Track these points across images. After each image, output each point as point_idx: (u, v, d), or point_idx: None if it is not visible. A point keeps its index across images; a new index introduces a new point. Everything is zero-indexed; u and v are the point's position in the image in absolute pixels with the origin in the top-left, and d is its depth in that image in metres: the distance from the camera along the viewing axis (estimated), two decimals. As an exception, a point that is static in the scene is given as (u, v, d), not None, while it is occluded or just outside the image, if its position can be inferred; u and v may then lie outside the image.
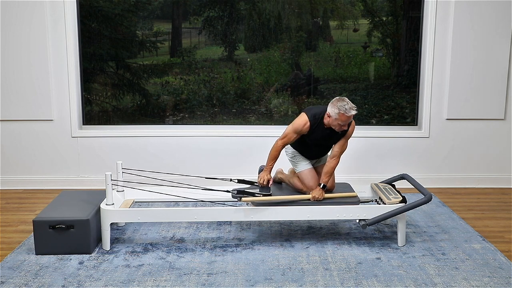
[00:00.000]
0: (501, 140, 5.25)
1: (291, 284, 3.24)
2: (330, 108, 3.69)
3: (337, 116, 3.65)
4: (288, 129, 3.82)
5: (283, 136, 3.82)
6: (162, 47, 5.43)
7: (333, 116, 3.67)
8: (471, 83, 5.11)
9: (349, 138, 3.87)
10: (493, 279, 3.32)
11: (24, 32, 4.94)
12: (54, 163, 5.22)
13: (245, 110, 5.43)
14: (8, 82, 5.03)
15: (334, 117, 3.66)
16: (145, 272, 3.39)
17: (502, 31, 5.01)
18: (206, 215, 3.74)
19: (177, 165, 5.17)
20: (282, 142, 3.82)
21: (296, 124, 3.79)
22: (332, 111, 3.67)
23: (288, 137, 3.80)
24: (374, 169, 5.25)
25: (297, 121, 3.79)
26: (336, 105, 3.64)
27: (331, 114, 3.68)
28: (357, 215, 3.73)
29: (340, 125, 3.68)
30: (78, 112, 5.18)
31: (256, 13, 5.32)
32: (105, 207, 3.67)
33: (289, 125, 3.84)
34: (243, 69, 5.41)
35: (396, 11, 5.33)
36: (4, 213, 4.54)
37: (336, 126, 3.70)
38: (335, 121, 3.68)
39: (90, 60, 5.25)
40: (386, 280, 3.29)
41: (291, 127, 3.81)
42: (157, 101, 5.42)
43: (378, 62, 5.47)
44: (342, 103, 3.63)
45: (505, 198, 4.97)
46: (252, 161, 5.07)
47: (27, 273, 3.38)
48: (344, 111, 3.61)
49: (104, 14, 5.23)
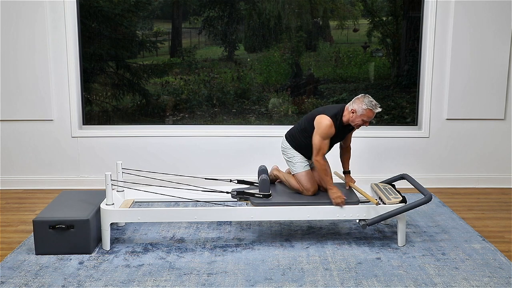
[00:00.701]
0: (501, 140, 5.25)
1: (291, 284, 3.24)
2: (355, 104, 3.72)
3: (364, 112, 3.69)
4: (316, 139, 3.73)
5: (317, 150, 3.73)
6: (162, 47, 5.43)
7: (359, 112, 3.70)
8: (471, 83, 5.11)
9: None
10: (493, 279, 3.32)
11: (24, 32, 4.94)
12: (54, 163, 5.22)
13: (245, 110, 5.43)
14: (8, 82, 5.03)
15: (360, 113, 3.70)
16: (145, 272, 3.39)
17: (502, 31, 5.01)
18: (206, 215, 3.74)
19: (177, 165, 5.17)
20: (321, 156, 3.75)
21: (323, 130, 3.71)
22: (359, 107, 3.70)
23: (323, 148, 3.74)
24: (374, 169, 5.25)
25: (322, 127, 3.71)
26: (363, 101, 3.69)
27: (357, 110, 3.71)
28: (357, 215, 3.73)
29: (364, 121, 3.73)
30: (78, 112, 5.18)
31: (256, 13, 5.32)
32: (105, 207, 3.67)
33: (316, 136, 3.73)
34: (243, 69, 5.41)
35: (396, 11, 5.33)
36: (4, 213, 4.54)
37: (359, 122, 3.73)
38: (360, 117, 3.71)
39: (90, 60, 5.25)
40: (386, 280, 3.29)
41: (319, 136, 3.72)
42: (157, 101, 5.42)
43: (378, 62, 5.47)
44: (369, 100, 3.69)
45: (505, 198, 4.97)
46: (252, 161, 5.07)
47: (27, 273, 3.38)
48: (372, 107, 3.68)
49: (104, 14, 5.23)
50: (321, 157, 3.76)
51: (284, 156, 4.01)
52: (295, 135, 3.95)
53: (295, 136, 3.95)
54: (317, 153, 3.75)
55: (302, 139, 3.90)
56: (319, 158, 3.75)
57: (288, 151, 3.98)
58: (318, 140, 3.73)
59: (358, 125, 3.78)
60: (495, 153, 5.28)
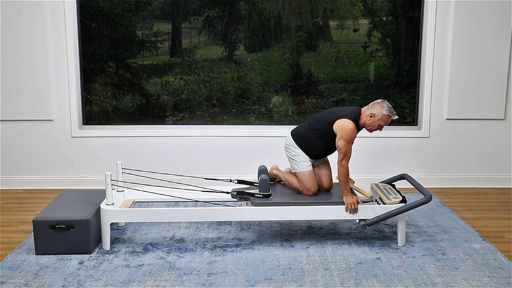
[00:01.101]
0: (501, 140, 5.25)
1: (291, 284, 3.24)
2: (375, 109, 3.76)
3: (382, 118, 3.75)
4: (342, 144, 3.70)
5: (344, 155, 3.71)
6: (162, 47, 5.43)
7: (377, 117, 3.75)
8: (471, 83, 5.11)
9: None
10: (493, 279, 3.32)
11: (24, 32, 4.94)
12: (54, 163, 5.22)
13: (245, 110, 5.43)
14: (8, 82, 5.03)
15: (379, 117, 3.75)
16: (145, 272, 3.39)
17: (502, 31, 5.01)
18: (206, 215, 3.74)
19: (177, 165, 5.17)
20: (347, 160, 3.74)
21: (348, 135, 3.70)
22: (379, 112, 3.74)
23: (349, 153, 3.74)
24: (374, 169, 5.25)
25: (348, 132, 3.70)
26: (383, 106, 3.75)
27: (377, 115, 3.75)
28: (357, 215, 3.73)
29: (380, 126, 3.79)
30: (78, 112, 5.18)
31: (256, 13, 5.32)
32: (105, 207, 3.67)
33: (341, 141, 3.71)
34: (243, 69, 5.41)
35: (396, 11, 5.33)
36: (4, 213, 4.54)
37: (376, 127, 3.79)
38: (377, 122, 3.76)
39: (90, 60, 5.25)
40: (386, 280, 3.29)
41: (344, 141, 3.70)
42: (157, 101, 5.42)
43: (378, 62, 5.47)
44: (388, 105, 3.76)
45: (505, 198, 4.97)
46: (252, 161, 5.07)
47: (27, 273, 3.38)
48: (391, 114, 3.75)
49: (104, 14, 5.23)
50: (347, 161, 3.74)
51: (287, 153, 4.00)
52: (305, 135, 3.91)
53: (305, 136, 3.91)
54: (344, 157, 3.72)
55: (314, 139, 3.86)
56: (345, 163, 3.74)
57: (292, 148, 3.96)
58: (344, 145, 3.71)
59: (373, 129, 3.82)
60: (495, 153, 5.28)
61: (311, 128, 3.90)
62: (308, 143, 3.91)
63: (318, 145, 3.88)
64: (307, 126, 3.95)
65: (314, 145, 3.89)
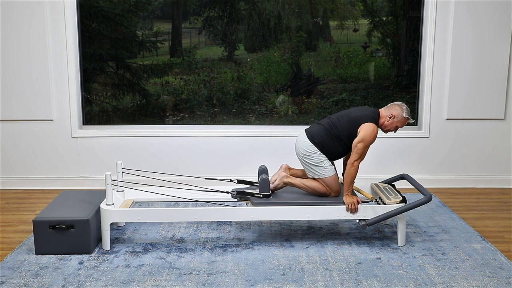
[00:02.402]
0: (501, 140, 5.25)
1: (291, 284, 3.24)
2: (395, 111, 3.79)
3: (402, 120, 3.79)
4: (361, 145, 3.66)
5: (359, 156, 3.67)
6: (162, 47, 5.43)
7: (397, 118, 3.79)
8: (471, 83, 5.11)
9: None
10: (493, 279, 3.32)
11: (24, 32, 4.94)
12: (54, 163, 5.22)
13: (245, 110, 5.43)
14: (8, 82, 5.03)
15: (398, 119, 3.79)
16: (145, 272, 3.39)
17: (502, 31, 5.01)
18: (206, 215, 3.74)
19: (177, 165, 5.17)
20: (359, 162, 3.70)
21: (370, 139, 3.68)
22: (399, 114, 3.78)
23: (364, 154, 3.72)
24: (374, 169, 5.25)
25: (371, 136, 3.68)
26: (403, 109, 3.79)
27: (397, 116, 3.79)
28: (357, 215, 3.73)
29: (397, 128, 3.82)
30: (78, 112, 5.18)
31: (256, 13, 5.32)
32: (105, 207, 3.67)
33: (361, 142, 3.66)
34: (243, 69, 5.41)
35: (396, 11, 5.33)
36: (4, 213, 4.54)
37: (392, 128, 3.82)
38: (396, 123, 3.80)
39: (90, 60, 5.25)
40: (386, 280, 3.29)
41: (364, 143, 3.66)
42: (157, 101, 5.42)
43: (378, 62, 5.47)
44: (407, 108, 3.81)
45: (505, 198, 4.97)
46: (252, 161, 5.07)
47: (27, 273, 3.38)
48: (410, 117, 3.80)
49: (104, 14, 5.23)
50: (359, 163, 3.71)
51: (308, 160, 3.83)
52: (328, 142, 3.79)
53: (327, 143, 3.79)
54: (359, 158, 3.68)
55: (337, 146, 3.80)
56: (357, 164, 3.70)
57: (315, 156, 3.81)
58: (363, 146, 3.68)
59: (389, 130, 3.84)
60: (495, 153, 5.28)
61: (333, 136, 3.79)
62: (330, 149, 3.82)
63: (339, 151, 3.85)
64: (327, 133, 3.81)
65: (337, 151, 3.84)
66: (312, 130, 3.89)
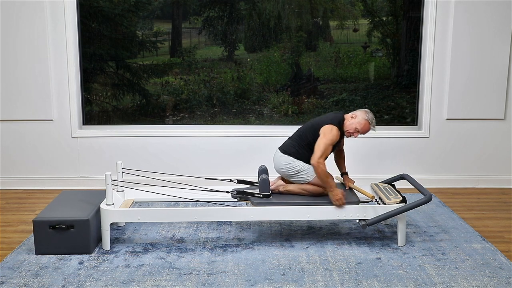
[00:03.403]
0: (501, 140, 5.25)
1: (291, 284, 3.24)
2: (359, 113, 3.87)
3: (362, 122, 3.82)
4: (322, 143, 3.72)
5: (322, 152, 3.71)
6: (162, 47, 5.43)
7: (357, 119, 3.83)
8: (471, 83, 5.11)
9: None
10: (493, 279, 3.32)
11: (24, 32, 4.95)
12: (54, 163, 5.22)
13: (245, 110, 5.43)
14: (8, 82, 5.03)
15: (358, 120, 3.82)
16: (145, 272, 3.39)
17: (502, 31, 5.01)
18: (206, 215, 3.74)
19: (177, 165, 5.17)
20: (323, 158, 3.74)
21: (331, 137, 3.75)
22: (362, 116, 3.84)
23: (327, 152, 3.76)
24: (374, 169, 5.25)
25: (331, 134, 3.75)
26: (367, 114, 3.85)
27: (358, 117, 3.84)
28: (357, 215, 3.73)
29: (356, 130, 3.82)
30: (78, 112, 5.18)
31: (256, 13, 5.32)
32: (105, 207, 3.67)
33: (322, 140, 3.73)
34: (243, 69, 5.41)
35: (396, 11, 5.33)
36: (4, 213, 4.54)
37: (351, 130, 3.83)
38: (355, 125, 3.82)
39: (90, 60, 5.25)
40: (386, 280, 3.29)
41: (326, 140, 3.73)
42: (157, 101, 5.42)
43: (378, 62, 5.46)
44: (372, 116, 3.86)
45: (505, 198, 4.97)
46: (252, 161, 5.07)
47: (27, 273, 3.38)
48: (371, 122, 3.84)
49: (104, 14, 5.23)
50: (323, 159, 3.75)
51: (288, 172, 3.87)
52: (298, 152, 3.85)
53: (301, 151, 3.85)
54: (321, 155, 3.72)
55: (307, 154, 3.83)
56: (322, 161, 3.73)
57: (293, 164, 3.85)
58: (324, 143, 3.73)
59: (350, 131, 3.84)
60: (495, 153, 5.28)
61: (302, 145, 3.87)
62: (304, 156, 3.85)
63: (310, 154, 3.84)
64: (297, 143, 3.89)
65: (308, 160, 3.85)
66: (284, 145, 3.99)
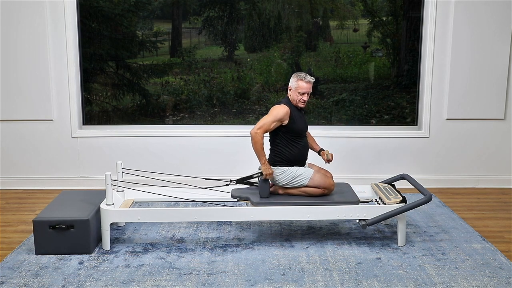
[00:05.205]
0: (501, 140, 5.25)
1: (291, 284, 3.24)
2: (291, 80, 3.83)
3: (296, 85, 3.78)
4: (265, 117, 3.74)
5: (261, 125, 3.70)
6: (162, 47, 5.43)
7: (293, 86, 3.81)
8: (471, 83, 5.11)
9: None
10: (493, 279, 3.32)
11: (24, 32, 4.95)
12: (54, 163, 5.22)
13: (245, 110, 5.43)
14: (8, 82, 5.03)
15: (294, 86, 3.80)
16: (145, 272, 3.39)
17: (502, 31, 5.01)
18: (206, 215, 3.74)
19: (177, 165, 5.17)
20: (262, 131, 3.70)
21: (275, 111, 3.74)
22: (291, 81, 3.82)
23: (266, 125, 3.71)
24: (374, 169, 5.25)
25: (274, 109, 3.76)
26: (295, 75, 3.81)
27: (291, 86, 3.82)
28: (357, 215, 3.73)
29: (300, 94, 3.78)
30: (78, 112, 5.18)
31: (256, 13, 5.32)
32: (105, 207, 3.67)
33: (266, 116, 3.75)
34: (243, 69, 5.41)
35: (396, 11, 5.33)
36: (4, 213, 4.54)
37: (298, 97, 3.80)
38: (295, 92, 3.79)
39: (90, 60, 5.25)
40: (386, 280, 3.29)
41: (268, 115, 3.74)
42: (157, 101, 5.42)
43: (378, 62, 5.47)
44: (298, 73, 3.82)
45: (505, 198, 4.97)
46: (252, 161, 5.06)
47: (27, 273, 3.38)
48: (301, 78, 3.77)
49: (104, 14, 5.23)
50: (262, 132, 3.70)
51: (285, 182, 3.85)
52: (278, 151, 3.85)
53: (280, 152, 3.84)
54: (260, 127, 3.70)
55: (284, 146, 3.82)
56: (260, 132, 3.69)
57: (286, 173, 3.83)
58: (265, 118, 3.74)
59: (300, 100, 3.81)
60: (495, 153, 5.28)
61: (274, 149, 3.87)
62: (287, 155, 3.83)
63: (291, 149, 3.83)
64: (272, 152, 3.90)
65: (290, 151, 3.82)
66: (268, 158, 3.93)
